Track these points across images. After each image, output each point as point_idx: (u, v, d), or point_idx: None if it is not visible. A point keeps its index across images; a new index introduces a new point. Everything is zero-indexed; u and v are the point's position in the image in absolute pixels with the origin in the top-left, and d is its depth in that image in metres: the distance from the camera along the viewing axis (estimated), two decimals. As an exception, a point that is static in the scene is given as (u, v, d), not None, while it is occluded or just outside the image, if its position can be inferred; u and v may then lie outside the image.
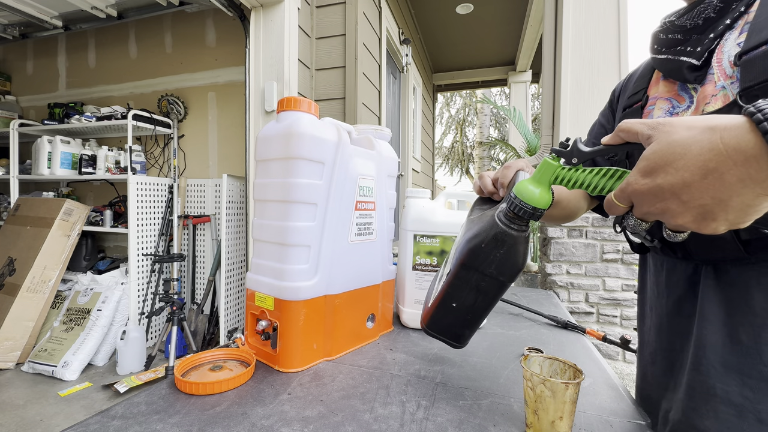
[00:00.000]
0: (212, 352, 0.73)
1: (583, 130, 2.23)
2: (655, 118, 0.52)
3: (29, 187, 3.18)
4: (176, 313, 2.30)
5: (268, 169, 0.73)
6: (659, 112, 0.61)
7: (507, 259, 0.52)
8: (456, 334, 0.62)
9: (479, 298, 0.57)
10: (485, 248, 0.53)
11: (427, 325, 0.64)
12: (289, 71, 2.06)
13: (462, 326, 0.61)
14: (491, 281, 0.55)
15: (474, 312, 0.59)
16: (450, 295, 0.59)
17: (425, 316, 0.65)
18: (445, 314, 0.61)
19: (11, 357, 2.32)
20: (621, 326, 2.13)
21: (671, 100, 0.59)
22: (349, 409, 0.57)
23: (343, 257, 0.77)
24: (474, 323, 0.60)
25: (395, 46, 3.55)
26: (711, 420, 0.50)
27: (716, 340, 0.51)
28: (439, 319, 0.63)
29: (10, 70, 3.64)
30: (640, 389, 0.71)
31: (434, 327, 0.63)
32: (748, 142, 0.30)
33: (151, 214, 2.70)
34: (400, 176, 3.90)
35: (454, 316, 0.60)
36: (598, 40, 2.22)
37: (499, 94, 13.84)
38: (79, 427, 0.51)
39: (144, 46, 3.12)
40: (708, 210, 0.33)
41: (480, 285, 0.56)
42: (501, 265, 0.53)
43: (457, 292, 0.58)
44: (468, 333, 0.62)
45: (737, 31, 0.51)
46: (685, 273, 0.58)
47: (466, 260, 0.55)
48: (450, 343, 0.63)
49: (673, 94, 0.59)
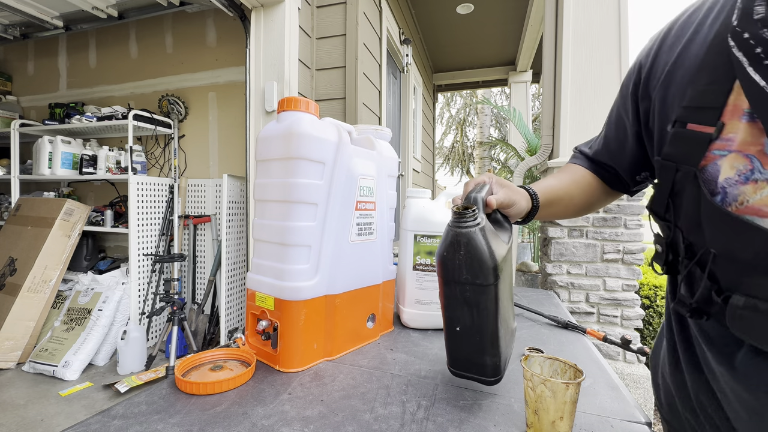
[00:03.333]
0: (213, 352, 0.73)
1: (583, 130, 2.23)
2: (722, 178, 0.42)
3: (30, 187, 3.18)
4: (177, 313, 2.30)
5: (269, 169, 0.73)
6: (731, 173, 0.42)
7: (471, 258, 0.52)
8: (479, 366, 0.58)
9: (474, 312, 0.55)
10: (448, 255, 0.54)
11: (451, 365, 0.61)
12: (289, 71, 2.06)
13: (479, 353, 0.57)
14: (472, 288, 0.54)
15: (480, 332, 0.56)
16: (450, 320, 0.58)
17: (448, 358, 0.62)
18: (458, 345, 0.59)
19: (12, 357, 2.33)
20: (621, 326, 2.13)
21: (753, 159, 0.41)
22: (350, 409, 0.57)
23: (344, 257, 0.77)
24: (488, 346, 0.56)
25: (396, 46, 3.55)
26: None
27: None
28: (456, 354, 0.60)
29: (11, 70, 3.64)
30: None
31: (457, 365, 0.61)
32: None
33: (151, 214, 2.70)
34: (400, 176, 3.90)
35: (465, 343, 0.58)
36: (598, 40, 2.22)
37: (499, 94, 13.83)
38: (80, 427, 0.51)
39: (144, 46, 3.12)
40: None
41: (465, 296, 0.55)
42: (469, 266, 0.53)
43: (452, 313, 0.58)
44: (490, 361, 0.57)
45: None
46: None
47: (442, 275, 0.56)
48: (481, 380, 0.59)
49: (758, 149, 0.40)
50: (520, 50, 4.88)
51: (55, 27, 2.96)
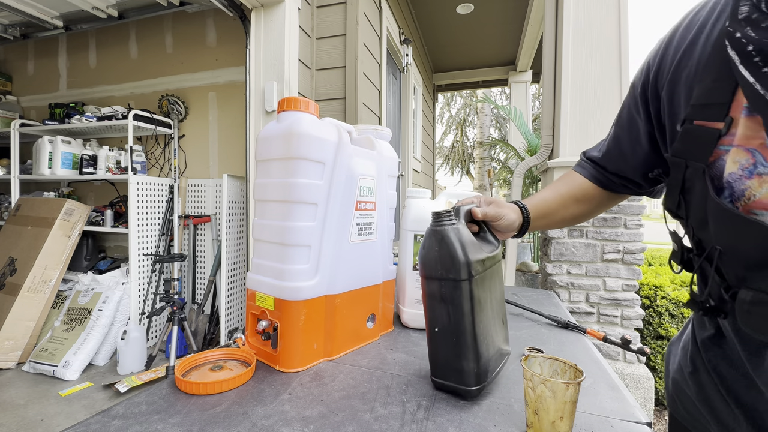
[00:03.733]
0: (213, 352, 0.73)
1: (583, 129, 2.23)
2: (726, 173, 0.43)
3: (30, 187, 3.18)
4: (177, 313, 2.30)
5: (269, 169, 0.73)
6: (734, 167, 0.43)
7: (444, 253, 0.58)
8: (458, 372, 0.59)
9: (449, 309, 0.59)
10: (426, 252, 0.60)
11: (432, 374, 0.64)
12: (289, 71, 2.06)
13: (457, 357, 0.59)
14: (446, 283, 0.58)
15: (456, 333, 0.58)
16: (431, 321, 0.62)
17: (431, 367, 0.64)
18: (437, 348, 0.62)
19: (12, 357, 2.33)
20: (621, 326, 2.13)
21: (755, 153, 0.41)
22: (350, 409, 0.57)
23: (344, 257, 0.77)
24: (465, 349, 0.58)
25: (396, 46, 3.55)
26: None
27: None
28: (436, 358, 0.62)
29: (11, 70, 3.65)
30: None
31: (437, 372, 0.62)
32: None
33: (151, 214, 2.70)
34: (400, 176, 3.90)
35: (443, 344, 0.60)
36: (598, 40, 2.22)
37: (499, 94, 13.83)
38: (80, 427, 0.51)
39: (144, 46, 3.12)
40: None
41: (442, 292, 0.59)
42: (443, 261, 0.58)
43: (432, 312, 0.61)
44: (468, 367, 0.58)
45: None
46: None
47: (422, 271, 0.61)
48: (460, 390, 0.59)
49: (759, 143, 0.41)
50: (520, 50, 4.88)
51: (55, 27, 2.97)
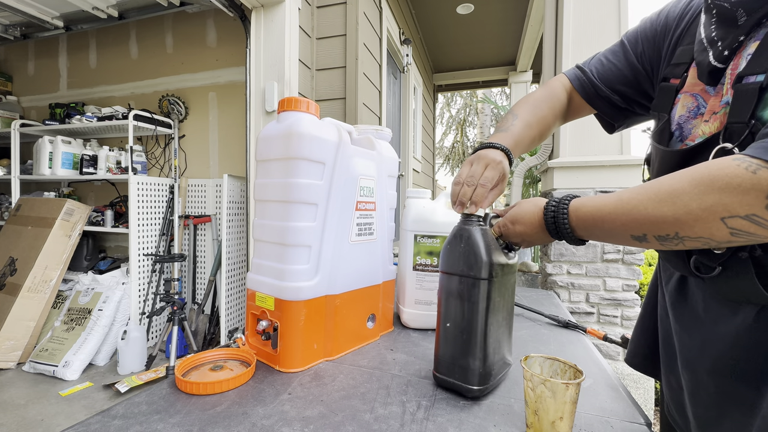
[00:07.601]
0: (213, 352, 0.74)
1: (583, 129, 2.23)
2: (677, 116, 0.51)
3: (30, 187, 3.18)
4: (177, 313, 2.30)
5: (269, 169, 0.73)
6: (682, 111, 0.51)
7: (469, 250, 0.59)
8: (463, 369, 0.60)
9: (465, 306, 0.59)
10: (450, 247, 0.62)
11: (436, 369, 0.64)
12: (289, 71, 2.06)
13: (464, 354, 0.59)
14: (465, 280, 0.59)
15: (468, 330, 0.59)
16: (443, 316, 0.62)
17: (434, 362, 0.65)
18: (446, 343, 0.62)
19: (12, 357, 2.33)
20: (621, 326, 2.13)
21: (697, 97, 0.49)
22: (350, 409, 0.57)
23: (344, 257, 0.77)
24: (474, 348, 0.59)
25: (396, 47, 3.55)
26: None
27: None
28: (443, 353, 0.62)
29: (12, 70, 3.65)
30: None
31: (441, 368, 0.63)
32: (540, 220, 0.56)
33: (152, 214, 2.70)
34: (400, 176, 3.90)
35: (453, 340, 0.61)
36: (598, 40, 2.22)
37: (499, 94, 13.82)
38: (80, 427, 0.51)
39: (145, 47, 3.12)
40: (529, 242, 0.60)
41: (460, 289, 0.60)
42: (466, 258, 0.59)
43: (446, 307, 0.62)
44: (474, 365, 0.59)
45: (755, 42, 0.41)
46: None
47: (444, 267, 0.63)
48: (462, 388, 0.60)
49: (701, 89, 0.49)
50: (520, 50, 4.87)
51: (55, 27, 2.96)
